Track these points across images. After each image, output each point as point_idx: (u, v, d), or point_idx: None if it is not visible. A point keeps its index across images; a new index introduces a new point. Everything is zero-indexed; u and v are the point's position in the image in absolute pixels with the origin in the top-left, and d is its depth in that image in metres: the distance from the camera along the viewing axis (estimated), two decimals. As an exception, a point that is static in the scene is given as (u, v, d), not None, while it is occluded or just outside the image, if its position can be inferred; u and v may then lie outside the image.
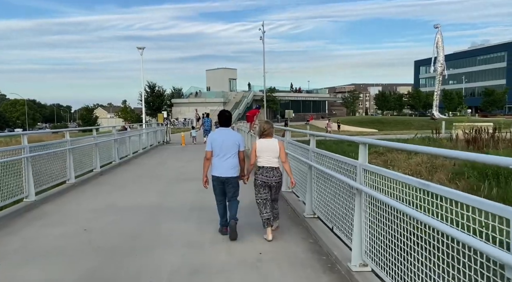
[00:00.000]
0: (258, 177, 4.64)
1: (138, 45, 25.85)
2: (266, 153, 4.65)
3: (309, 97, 72.54)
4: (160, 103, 56.03)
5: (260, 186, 4.64)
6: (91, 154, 10.15)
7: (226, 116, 4.93)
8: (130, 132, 15.16)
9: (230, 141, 4.71)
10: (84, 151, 9.59)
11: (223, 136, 4.73)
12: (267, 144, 4.69)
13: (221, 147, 4.66)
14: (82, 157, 9.39)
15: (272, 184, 4.65)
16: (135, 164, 12.81)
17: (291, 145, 6.74)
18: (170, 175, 10.08)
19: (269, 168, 4.63)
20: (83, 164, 9.45)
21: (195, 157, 14.53)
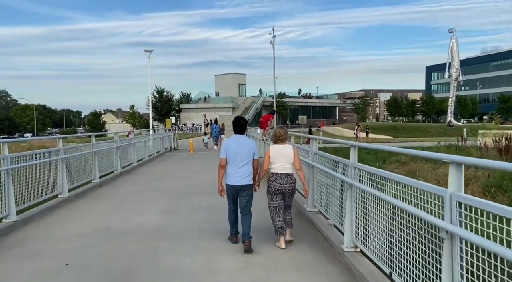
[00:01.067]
0: (271, 184, 4.53)
1: (148, 55, 25.07)
2: (280, 159, 4.54)
3: (319, 103, 71.45)
4: (169, 108, 55.41)
5: (273, 193, 4.54)
6: (90, 163, 9.15)
7: (241, 123, 4.77)
8: (135, 139, 14.19)
9: (245, 148, 4.59)
10: (80, 160, 8.59)
11: (238, 144, 4.59)
12: (281, 149, 4.57)
13: (236, 154, 4.52)
14: (78, 167, 8.39)
15: (285, 191, 4.52)
16: (139, 173, 11.80)
17: (319, 156, 5.63)
18: (176, 187, 9.02)
19: (283, 174, 4.52)
20: (79, 174, 8.44)
21: (204, 166, 13.48)
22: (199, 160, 15.92)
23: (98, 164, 9.55)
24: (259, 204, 5.33)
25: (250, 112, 54.10)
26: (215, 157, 18.64)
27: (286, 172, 4.54)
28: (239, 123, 4.75)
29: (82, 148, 8.73)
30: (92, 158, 9.24)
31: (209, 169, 12.42)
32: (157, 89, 55.11)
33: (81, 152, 8.53)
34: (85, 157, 8.88)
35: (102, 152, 10.16)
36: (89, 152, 9.00)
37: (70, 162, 7.90)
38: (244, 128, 4.81)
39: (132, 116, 58.50)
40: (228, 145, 4.63)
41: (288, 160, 4.57)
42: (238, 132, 4.75)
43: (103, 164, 10.16)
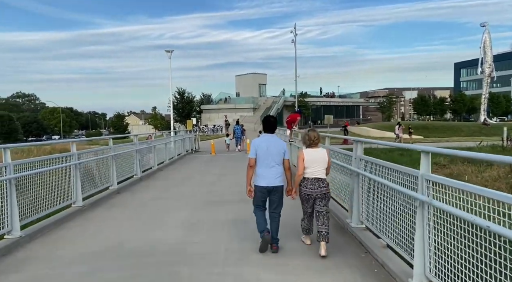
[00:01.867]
0: (302, 189, 4.41)
1: (169, 55, 24.70)
2: (314, 164, 4.35)
3: (342, 102, 69.67)
4: (190, 109, 55.35)
5: (303, 199, 4.43)
6: (107, 168, 8.55)
7: (271, 121, 4.62)
8: (155, 141, 13.61)
9: (276, 148, 4.43)
10: (96, 165, 7.98)
11: (268, 143, 4.44)
12: (315, 153, 4.40)
13: (266, 154, 4.39)
14: (94, 173, 7.79)
15: (317, 195, 4.35)
16: (159, 178, 11.16)
17: (367, 162, 4.70)
18: (198, 195, 8.27)
19: (314, 179, 4.36)
20: (95, 181, 7.84)
21: (227, 169, 12.73)
22: (221, 162, 15.19)
23: (117, 168, 8.95)
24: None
25: (271, 112, 53.11)
26: (238, 159, 18.09)
27: (318, 176, 4.36)
28: (270, 122, 4.60)
29: (97, 152, 8.12)
30: (109, 162, 8.64)
31: (233, 173, 11.65)
32: (178, 91, 55.18)
33: (97, 156, 7.91)
34: (102, 161, 8.28)
35: (121, 156, 9.57)
36: (105, 156, 8.39)
37: (84, 168, 7.29)
38: (274, 127, 4.63)
39: (154, 118, 58.81)
40: (258, 144, 4.46)
41: (322, 165, 4.38)
42: (268, 131, 4.59)
43: (121, 169, 9.56)
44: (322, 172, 4.38)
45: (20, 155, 16.03)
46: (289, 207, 5.28)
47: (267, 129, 4.60)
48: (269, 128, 4.60)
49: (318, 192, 4.33)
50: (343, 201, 5.96)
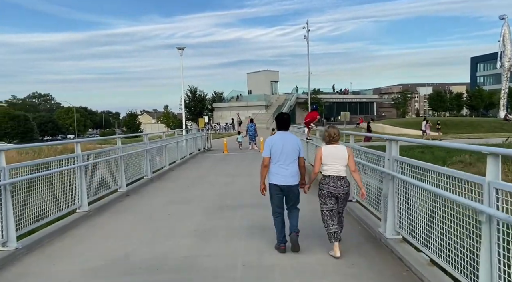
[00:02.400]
0: (324, 187, 4.25)
1: (180, 52, 24.33)
2: (333, 161, 4.23)
3: (355, 98, 68.42)
4: (202, 108, 55.06)
5: (326, 197, 4.26)
6: (115, 169, 8.11)
7: (285, 118, 4.56)
8: (166, 140, 13.17)
9: (291, 145, 4.35)
10: (104, 167, 7.53)
11: (283, 141, 4.36)
12: (334, 150, 4.27)
13: (281, 152, 4.31)
14: (102, 175, 7.34)
15: (339, 195, 4.23)
16: (170, 179, 10.70)
17: (403, 164, 4.07)
18: (211, 197, 7.76)
19: (336, 177, 4.22)
20: (103, 183, 7.40)
21: (240, 169, 12.19)
22: (234, 161, 14.67)
23: (126, 169, 8.51)
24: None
25: (284, 109, 52.37)
26: (252, 158, 17.43)
27: (339, 174, 4.23)
28: (283, 119, 4.53)
29: (104, 153, 7.66)
30: (118, 163, 8.19)
31: (247, 173, 11.10)
32: (190, 89, 54.93)
33: (104, 158, 7.45)
34: (110, 162, 7.83)
35: (130, 156, 9.13)
36: (113, 157, 7.94)
37: (91, 170, 6.85)
38: (288, 124, 4.58)
39: (166, 116, 58.76)
40: (272, 142, 4.37)
41: (342, 162, 4.24)
42: (282, 128, 4.51)
43: (131, 170, 9.12)
44: (342, 170, 4.24)
45: (30, 155, 15.83)
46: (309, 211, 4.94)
47: (281, 127, 4.51)
48: (283, 126, 4.51)
49: (341, 191, 4.20)
50: (373, 206, 5.35)
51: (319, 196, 4.31)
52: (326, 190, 4.22)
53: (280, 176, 4.28)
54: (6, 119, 69.24)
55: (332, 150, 4.26)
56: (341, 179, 4.21)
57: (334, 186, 4.19)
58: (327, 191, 4.21)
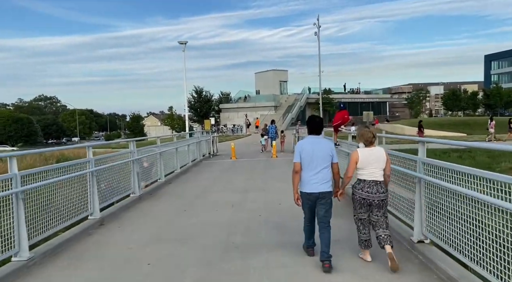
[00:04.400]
0: (358, 192, 3.97)
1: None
2: (370, 165, 3.92)
3: (367, 98, 65.94)
4: (208, 109, 53.07)
5: (358, 203, 3.98)
6: (85, 189, 5.94)
7: (317, 122, 4.24)
8: (162, 146, 11.01)
9: (322, 151, 4.04)
10: (70, 186, 5.35)
11: (314, 146, 4.05)
12: (371, 153, 3.95)
13: (311, 158, 4.00)
14: (65, 198, 5.19)
15: (374, 201, 3.90)
16: (162, 197, 8.51)
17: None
18: (213, 230, 5.55)
19: (372, 182, 3.91)
20: (62, 212, 5.23)
21: (253, 181, 9.91)
22: (244, 170, 12.46)
23: (104, 187, 6.38)
24: None
25: (294, 110, 50.35)
26: (264, 165, 14.06)
27: (376, 179, 3.91)
28: (315, 122, 4.22)
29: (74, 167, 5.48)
30: (89, 181, 6.02)
31: (261, 187, 8.89)
32: (195, 89, 53.02)
33: (70, 175, 5.27)
34: (77, 180, 5.67)
35: (110, 169, 6.97)
36: (83, 173, 5.76)
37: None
38: (321, 127, 4.25)
39: (170, 118, 56.87)
40: (303, 147, 4.08)
41: (380, 166, 3.93)
42: (313, 132, 4.21)
43: (111, 187, 6.98)
44: (380, 174, 3.95)
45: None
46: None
47: (312, 130, 4.24)
48: (314, 130, 4.23)
49: (376, 197, 3.90)
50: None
51: (352, 201, 4.08)
52: (358, 196, 3.96)
53: (311, 183, 4.00)
54: (10, 123, 68.07)
55: (369, 152, 3.97)
56: (377, 184, 3.92)
57: (369, 192, 3.91)
58: (360, 197, 3.95)
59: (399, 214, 5.02)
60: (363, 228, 3.99)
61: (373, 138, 3.98)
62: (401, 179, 4.84)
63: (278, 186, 9.04)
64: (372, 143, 4.01)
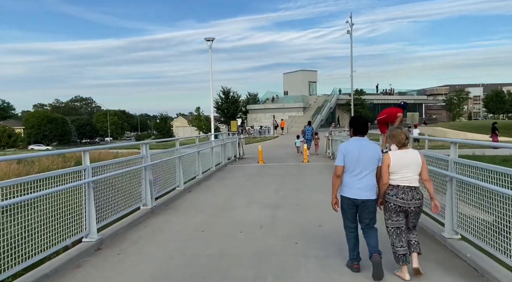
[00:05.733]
0: (391, 199, 3.69)
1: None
2: (404, 169, 3.67)
3: (401, 100, 62.58)
4: (235, 110, 52.12)
5: (393, 211, 3.69)
6: (80, 203, 4.80)
7: (363, 122, 3.96)
8: (182, 150, 9.83)
9: (369, 154, 3.77)
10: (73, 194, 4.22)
11: (360, 148, 3.78)
12: (405, 156, 3.71)
13: (357, 161, 3.75)
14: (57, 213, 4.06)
15: (410, 208, 3.65)
16: (177, 212, 7.24)
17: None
18: (235, 267, 4.19)
19: (407, 187, 3.66)
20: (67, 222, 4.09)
21: (285, 191, 8.43)
22: (273, 178, 11.06)
23: (109, 198, 5.25)
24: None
25: (323, 112, 48.43)
26: (297, 171, 12.14)
27: (411, 184, 3.66)
28: (361, 123, 3.94)
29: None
30: (85, 192, 4.87)
31: (295, 200, 7.45)
32: (223, 90, 52.26)
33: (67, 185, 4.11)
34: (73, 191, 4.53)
35: (121, 179, 5.81)
36: (79, 183, 4.60)
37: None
38: (366, 128, 3.94)
39: (197, 119, 56.44)
40: (347, 149, 3.81)
41: (414, 170, 3.68)
42: (359, 133, 3.91)
43: (127, 196, 5.82)
44: (414, 179, 3.67)
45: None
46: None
47: (357, 131, 3.89)
48: (360, 130, 3.90)
49: (412, 204, 3.63)
50: None
51: (384, 210, 3.77)
52: (393, 203, 3.66)
53: (354, 188, 3.73)
54: (45, 122, 70.32)
55: (403, 155, 3.69)
56: (412, 190, 3.65)
57: (404, 198, 3.63)
58: (395, 204, 3.65)
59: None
60: (399, 240, 3.68)
61: (405, 139, 3.72)
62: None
63: (315, 199, 7.59)
64: (405, 145, 3.74)
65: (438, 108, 72.28)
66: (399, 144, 3.71)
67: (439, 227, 5.00)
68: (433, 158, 5.24)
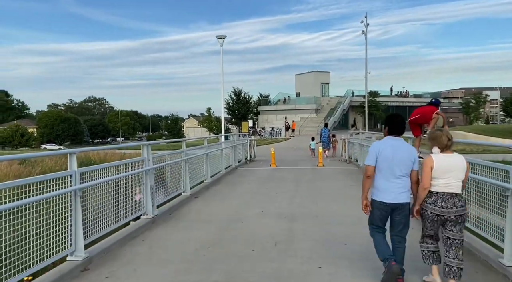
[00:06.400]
0: (429, 206, 3.39)
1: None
2: (448, 174, 3.37)
3: (416, 102, 61.04)
4: (246, 111, 51.42)
5: (429, 219, 3.41)
6: (66, 215, 4.08)
7: (399, 121, 3.65)
8: (190, 151, 9.09)
9: (404, 155, 3.50)
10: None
11: (394, 149, 3.51)
12: (449, 160, 3.41)
13: (391, 162, 3.47)
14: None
15: (450, 217, 3.33)
16: (181, 223, 6.46)
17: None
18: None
19: (448, 194, 3.36)
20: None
21: (301, 198, 7.50)
22: (287, 183, 10.23)
23: (87, 215, 4.50)
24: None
25: (337, 113, 47.36)
26: (312, 175, 10.73)
27: (452, 191, 3.36)
28: (396, 122, 3.63)
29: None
30: (69, 203, 4.15)
31: (313, 212, 6.54)
32: (234, 91, 51.62)
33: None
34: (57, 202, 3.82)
35: (105, 187, 5.09)
36: (64, 191, 3.88)
37: None
38: (403, 128, 3.66)
39: (208, 120, 55.93)
40: (381, 148, 3.54)
41: (458, 175, 3.38)
42: (394, 133, 3.61)
43: (122, 205, 5.09)
44: (458, 186, 3.39)
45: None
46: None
47: (393, 131, 3.62)
48: (396, 130, 3.61)
49: (453, 212, 3.33)
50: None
51: (421, 216, 3.48)
52: (430, 211, 3.38)
53: (388, 191, 3.47)
54: (58, 122, 70.82)
55: (446, 159, 3.39)
56: (453, 197, 3.35)
57: (443, 207, 3.33)
58: (432, 212, 3.37)
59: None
60: (432, 238, 3.48)
61: (448, 141, 3.46)
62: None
63: (335, 210, 6.75)
64: (448, 148, 3.48)
65: (454, 111, 70.21)
66: (442, 147, 3.44)
67: (494, 251, 4.12)
68: (481, 165, 4.45)
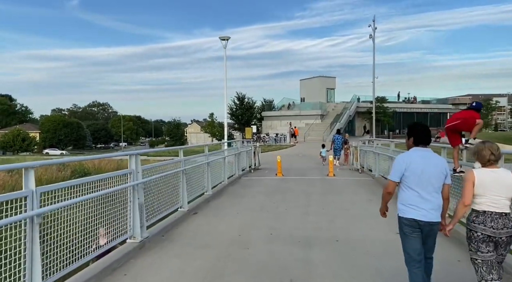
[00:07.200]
0: (478, 227, 3.06)
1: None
2: (492, 191, 3.04)
3: (424, 108, 60.04)
4: (250, 116, 50.53)
5: (481, 241, 3.06)
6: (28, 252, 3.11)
7: (426, 130, 3.33)
8: (186, 162, 8.12)
9: (435, 167, 3.19)
10: None
11: (424, 161, 3.19)
12: (494, 176, 3.07)
13: (421, 175, 3.15)
14: None
15: (501, 238, 3.03)
16: (177, 246, 5.49)
17: None
18: None
19: (496, 214, 3.03)
20: None
21: (316, 216, 6.32)
22: (297, 197, 9.19)
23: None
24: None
25: (343, 120, 46.26)
26: (325, 189, 8.53)
27: (501, 210, 3.04)
28: (422, 130, 3.30)
29: None
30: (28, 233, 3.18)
31: (332, 235, 5.49)
32: (237, 96, 50.81)
33: None
34: None
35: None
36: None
37: None
38: (430, 137, 3.32)
39: (211, 125, 55.08)
40: (409, 160, 3.21)
41: (506, 193, 3.04)
42: (421, 143, 3.27)
43: (88, 237, 4.12)
44: (506, 205, 3.04)
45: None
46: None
47: (419, 140, 3.26)
48: (422, 140, 3.28)
49: (504, 233, 3.00)
50: None
51: (469, 239, 3.14)
52: (481, 232, 3.04)
53: (419, 208, 3.12)
54: (60, 127, 70.28)
55: (490, 174, 3.07)
56: (503, 217, 3.03)
57: (494, 227, 3.01)
58: (483, 234, 3.03)
59: None
60: (489, 272, 3.00)
61: (491, 155, 3.06)
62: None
63: (359, 232, 5.73)
64: (491, 163, 3.09)
65: (462, 118, 69.05)
66: (484, 161, 3.11)
67: None
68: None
